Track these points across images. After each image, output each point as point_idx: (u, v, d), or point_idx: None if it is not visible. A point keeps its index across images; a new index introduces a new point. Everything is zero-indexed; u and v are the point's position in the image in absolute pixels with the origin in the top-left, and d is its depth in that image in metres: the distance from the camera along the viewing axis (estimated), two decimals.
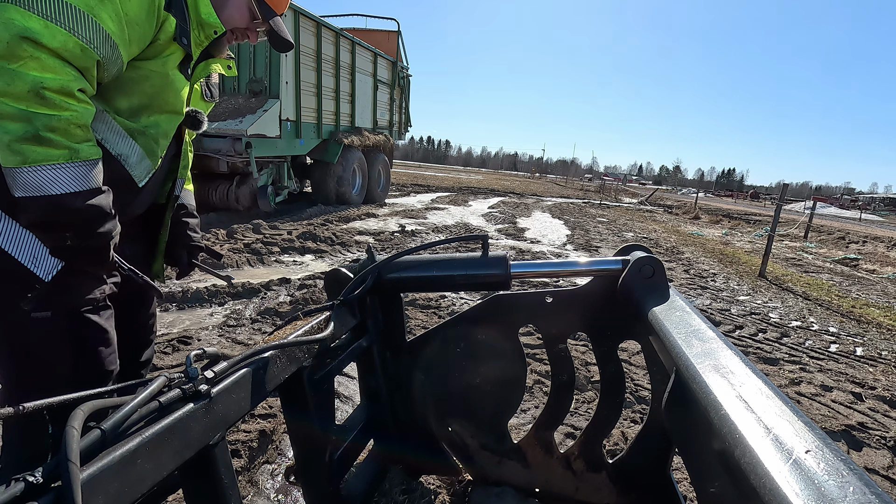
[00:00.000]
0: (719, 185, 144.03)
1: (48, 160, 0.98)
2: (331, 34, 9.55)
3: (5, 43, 0.91)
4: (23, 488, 0.55)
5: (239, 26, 1.36)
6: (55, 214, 1.02)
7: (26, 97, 0.94)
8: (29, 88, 0.93)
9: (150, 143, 1.28)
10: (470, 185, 27.73)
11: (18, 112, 0.94)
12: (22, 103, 0.94)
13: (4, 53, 0.92)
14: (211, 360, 0.88)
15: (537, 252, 7.56)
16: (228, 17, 1.32)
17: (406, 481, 1.76)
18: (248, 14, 1.35)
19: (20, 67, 0.93)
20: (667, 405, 0.96)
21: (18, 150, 0.96)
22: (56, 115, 0.97)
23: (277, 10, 1.40)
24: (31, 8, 0.94)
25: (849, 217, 32.30)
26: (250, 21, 1.37)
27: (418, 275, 1.50)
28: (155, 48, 1.19)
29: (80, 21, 0.99)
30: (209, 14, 1.25)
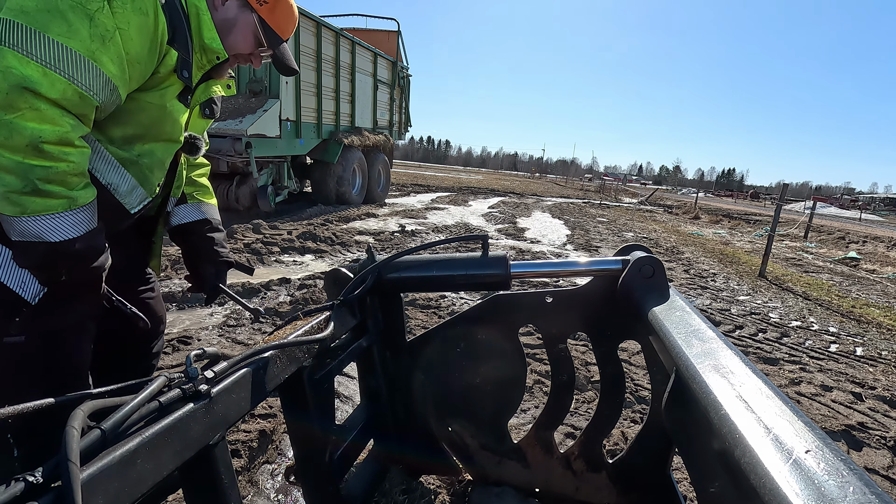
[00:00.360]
0: (719, 185, 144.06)
1: (47, 211, 0.97)
2: (331, 34, 9.55)
3: (4, 93, 0.88)
4: (23, 488, 0.55)
5: (243, 52, 1.33)
6: (53, 259, 1.01)
7: (24, 150, 0.91)
8: (27, 142, 0.91)
9: (144, 172, 1.24)
10: (470, 185, 27.73)
11: (15, 165, 0.91)
12: (19, 155, 0.91)
13: (3, 104, 0.89)
14: (211, 360, 0.88)
15: (537, 252, 7.56)
16: (233, 43, 1.29)
17: (406, 481, 1.76)
18: (253, 41, 1.31)
19: (18, 119, 0.90)
20: (667, 405, 0.96)
21: (17, 202, 0.94)
22: (54, 166, 0.95)
23: (283, 36, 1.36)
24: (30, 54, 0.91)
25: (849, 217, 32.30)
26: (255, 47, 1.33)
27: (418, 275, 1.50)
28: (154, 80, 1.16)
29: (80, 67, 0.96)
30: (212, 39, 1.22)
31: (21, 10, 0.91)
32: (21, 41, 0.90)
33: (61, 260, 1.02)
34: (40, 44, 0.91)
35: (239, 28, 1.28)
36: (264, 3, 1.28)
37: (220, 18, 1.25)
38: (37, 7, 0.92)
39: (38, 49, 0.91)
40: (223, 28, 1.26)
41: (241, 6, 1.27)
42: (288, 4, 1.34)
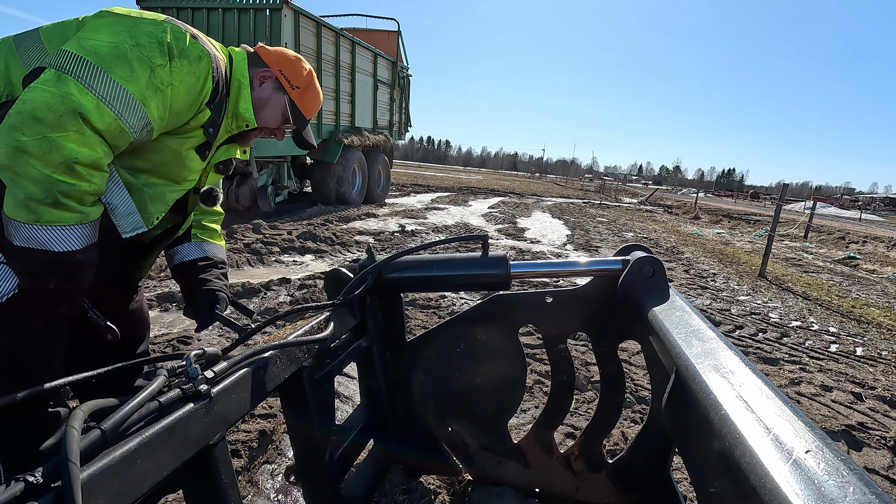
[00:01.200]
0: (719, 185, 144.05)
1: (60, 222, 1.03)
2: (331, 34, 9.55)
3: (59, 115, 0.97)
4: (23, 488, 0.55)
5: (270, 126, 1.48)
6: (50, 267, 1.05)
7: (57, 166, 0.98)
8: (63, 160, 0.98)
9: (145, 200, 1.29)
10: (470, 185, 27.74)
11: (44, 178, 0.97)
12: (49, 169, 0.97)
13: (53, 123, 0.96)
14: (211, 360, 0.88)
15: (537, 252, 7.56)
16: (264, 117, 1.44)
17: (406, 481, 1.76)
18: (281, 118, 1.47)
19: (62, 139, 0.97)
20: (667, 405, 0.96)
21: (34, 210, 1.00)
22: (78, 185, 1.02)
23: (308, 116, 1.51)
24: (91, 87, 1.02)
25: (849, 217, 32.30)
26: (282, 124, 1.48)
27: (418, 275, 1.50)
28: (182, 129, 1.27)
29: (130, 107, 1.08)
30: (246, 110, 1.37)
31: (94, 51, 1.04)
32: (86, 75, 1.02)
33: (57, 269, 1.06)
34: (102, 81, 1.03)
35: (271, 106, 1.44)
36: (296, 87, 1.45)
37: (256, 96, 1.41)
38: (108, 52, 1.06)
39: (98, 85, 1.03)
40: (258, 104, 1.42)
41: (276, 88, 1.44)
42: (316, 91, 1.52)
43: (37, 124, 0.96)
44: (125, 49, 1.07)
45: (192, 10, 8.12)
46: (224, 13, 8.06)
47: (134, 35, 1.10)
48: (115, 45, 1.07)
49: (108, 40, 1.07)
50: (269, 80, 1.43)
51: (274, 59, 1.44)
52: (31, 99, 0.97)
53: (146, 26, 1.14)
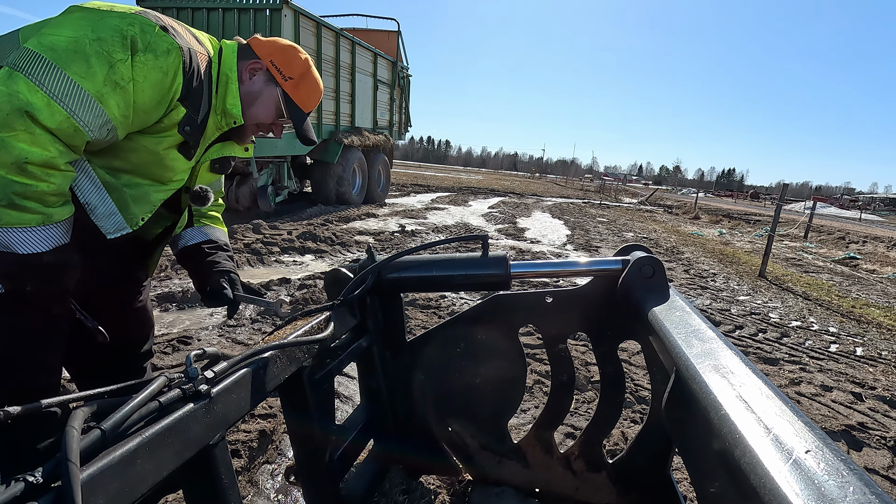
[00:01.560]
0: (719, 185, 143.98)
1: (20, 224, 1.00)
2: (331, 34, 9.55)
3: (6, 114, 0.94)
4: (23, 488, 0.55)
5: (264, 122, 1.39)
6: (19, 271, 1.03)
7: (8, 167, 0.95)
8: (13, 160, 0.95)
9: (126, 200, 1.25)
10: (470, 185, 27.74)
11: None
12: (2, 171, 0.95)
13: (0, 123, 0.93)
14: (211, 360, 0.88)
15: (537, 252, 7.56)
16: (255, 113, 1.36)
17: (406, 481, 1.76)
18: (274, 112, 1.38)
19: (11, 138, 0.94)
20: (667, 405, 0.96)
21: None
22: (33, 185, 0.98)
23: (305, 110, 1.42)
24: (42, 84, 0.97)
25: (849, 217, 32.29)
26: (276, 118, 1.39)
27: (418, 275, 1.50)
28: (155, 128, 1.20)
29: (85, 104, 1.02)
30: (234, 106, 1.30)
31: (51, 47, 1.00)
32: (38, 72, 0.97)
33: (27, 271, 1.04)
34: (54, 78, 0.98)
35: (262, 100, 1.35)
36: (289, 78, 1.35)
37: (245, 90, 1.33)
38: (66, 47, 1.00)
39: (50, 82, 0.98)
40: (248, 99, 1.34)
41: (267, 81, 1.35)
42: (312, 81, 1.40)
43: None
44: (84, 44, 1.02)
45: (192, 9, 8.12)
46: (224, 13, 8.06)
47: (97, 29, 1.04)
48: (75, 40, 1.02)
49: (67, 35, 1.02)
50: (259, 72, 1.35)
51: (266, 49, 1.35)
52: None
53: (112, 19, 1.07)
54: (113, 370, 1.44)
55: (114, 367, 1.46)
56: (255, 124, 1.40)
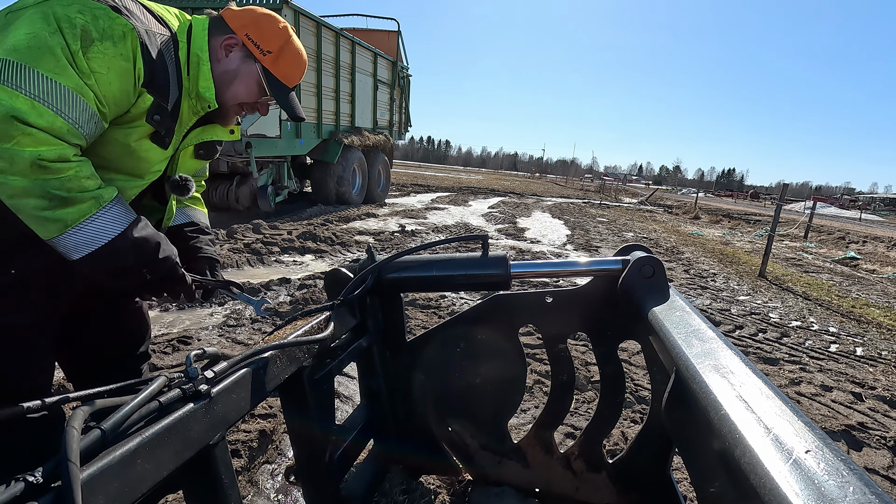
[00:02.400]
0: (719, 185, 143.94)
1: (83, 216, 1.01)
2: (331, 34, 9.55)
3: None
4: (23, 488, 0.55)
5: (247, 101, 1.31)
6: (117, 259, 1.06)
7: (29, 170, 0.95)
8: (30, 163, 0.94)
9: None
10: (470, 185, 27.74)
11: (30, 185, 0.95)
12: (28, 177, 0.95)
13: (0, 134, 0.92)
14: (211, 360, 0.88)
15: (537, 252, 7.56)
16: (235, 93, 1.28)
17: (406, 481, 1.76)
18: (256, 90, 1.30)
19: (14, 146, 0.93)
20: (667, 405, 0.96)
21: (54, 218, 0.99)
22: (63, 175, 0.98)
23: (289, 84, 1.33)
24: (20, 88, 0.94)
25: (849, 217, 32.29)
26: (259, 96, 1.32)
27: (418, 275, 1.50)
28: (122, 119, 1.15)
29: (68, 101, 0.99)
30: (206, 89, 1.22)
31: (13, 48, 0.95)
32: (12, 77, 0.94)
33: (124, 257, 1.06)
34: (30, 78, 0.95)
35: (241, 79, 1.27)
36: (267, 52, 1.26)
37: (221, 69, 1.25)
38: (28, 45, 0.96)
39: (27, 83, 0.94)
40: (225, 78, 1.25)
41: (245, 57, 1.26)
42: (294, 53, 1.32)
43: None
44: (44, 38, 0.96)
45: (192, 9, 8.11)
46: None
47: (51, 21, 0.98)
48: (34, 36, 0.96)
49: (24, 32, 0.96)
50: (235, 48, 1.25)
51: (239, 21, 1.25)
52: None
53: (59, 8, 1.00)
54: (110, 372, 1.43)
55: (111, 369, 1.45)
56: (238, 104, 1.31)
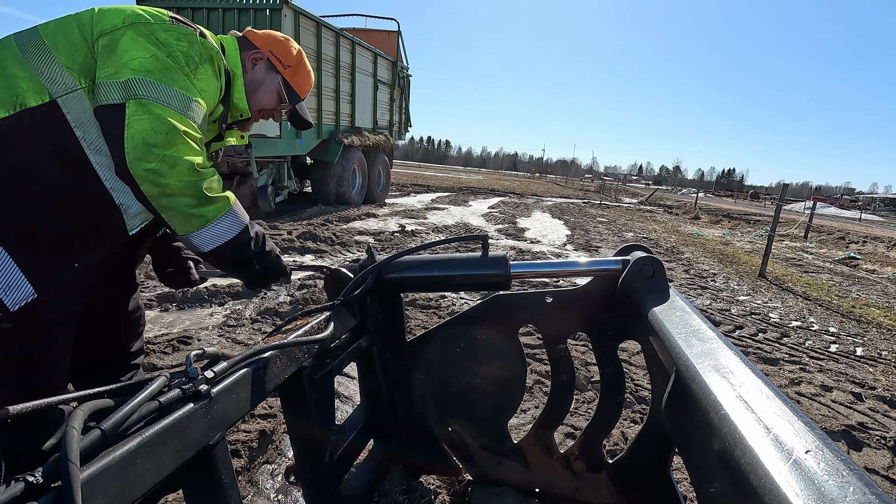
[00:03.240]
0: (719, 185, 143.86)
1: (220, 212, 1.19)
2: (331, 34, 9.55)
3: (164, 134, 1.08)
4: (23, 488, 0.55)
5: (267, 108, 1.50)
6: (240, 250, 1.24)
7: (187, 173, 1.11)
8: (188, 168, 1.11)
9: None
10: (470, 185, 27.74)
11: (186, 186, 1.11)
12: (185, 179, 1.11)
13: (164, 143, 1.08)
14: (211, 360, 0.88)
15: (537, 252, 7.56)
16: (259, 100, 1.47)
17: (406, 481, 1.76)
18: (276, 98, 1.49)
19: (175, 153, 1.09)
20: (667, 405, 0.96)
21: (200, 214, 1.15)
22: (207, 179, 1.15)
23: (302, 95, 1.54)
24: (167, 104, 1.11)
25: (849, 217, 32.28)
26: (277, 104, 1.50)
27: (418, 275, 1.50)
28: None
29: (199, 114, 1.18)
30: (241, 100, 1.40)
31: (144, 69, 1.10)
32: (158, 94, 1.10)
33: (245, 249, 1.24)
34: (171, 95, 1.12)
35: (265, 87, 1.46)
36: (288, 66, 1.47)
37: (249, 79, 1.43)
38: (155, 67, 1.12)
39: (172, 99, 1.12)
40: (252, 87, 1.44)
41: (268, 69, 1.46)
42: (307, 69, 1.54)
43: (154, 149, 1.07)
44: (165, 60, 1.14)
45: (192, 9, 8.12)
46: (224, 13, 8.06)
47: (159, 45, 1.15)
48: (156, 58, 1.12)
49: (145, 54, 1.12)
50: (260, 61, 1.45)
51: (264, 40, 1.46)
52: (136, 132, 1.06)
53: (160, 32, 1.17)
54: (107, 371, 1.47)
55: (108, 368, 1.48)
56: (259, 111, 1.50)
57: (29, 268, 1.10)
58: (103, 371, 1.46)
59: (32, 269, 1.10)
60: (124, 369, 1.53)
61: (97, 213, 1.18)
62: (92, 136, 1.12)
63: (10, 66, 1.09)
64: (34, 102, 1.08)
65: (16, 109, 1.07)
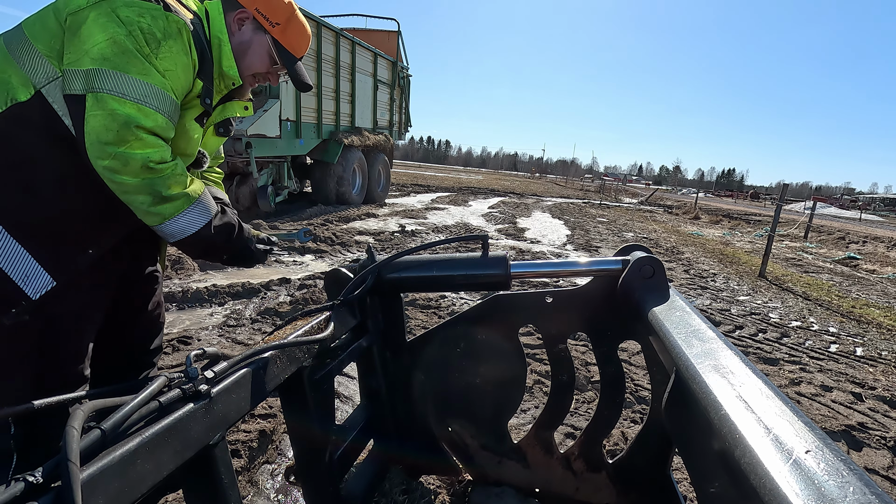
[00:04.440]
0: (719, 185, 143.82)
1: (177, 211, 1.19)
2: (331, 34, 9.55)
3: (115, 131, 1.06)
4: (23, 488, 0.55)
5: (259, 71, 1.42)
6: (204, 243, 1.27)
7: (140, 171, 1.10)
8: (141, 165, 1.10)
9: None
10: (470, 185, 27.73)
11: (140, 184, 1.11)
12: (139, 177, 1.10)
13: (115, 140, 1.06)
14: (211, 360, 0.88)
15: (537, 252, 7.56)
16: (249, 63, 1.39)
17: (406, 481, 1.76)
18: (268, 60, 1.41)
19: (128, 149, 1.08)
20: (667, 405, 0.96)
21: (157, 212, 1.17)
22: (165, 175, 1.14)
23: (297, 54, 1.45)
24: (124, 95, 1.07)
25: (849, 217, 32.26)
26: (270, 66, 1.43)
27: (418, 275, 1.50)
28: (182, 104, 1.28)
29: (161, 98, 1.13)
30: (230, 67, 1.34)
31: (101, 57, 1.06)
32: (112, 84, 1.06)
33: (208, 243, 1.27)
34: (127, 84, 1.08)
35: (254, 49, 1.38)
36: (276, 24, 1.37)
37: (236, 42, 1.36)
38: (112, 52, 1.07)
39: (127, 88, 1.08)
40: (240, 50, 1.37)
41: (256, 28, 1.37)
42: (299, 25, 1.43)
43: (107, 147, 1.06)
44: (122, 42, 1.07)
45: None
46: None
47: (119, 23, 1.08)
48: (113, 42, 1.06)
49: (102, 38, 1.06)
50: (247, 21, 1.36)
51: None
52: (91, 129, 1.06)
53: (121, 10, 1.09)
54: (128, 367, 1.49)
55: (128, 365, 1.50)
56: (252, 75, 1.42)
57: (44, 257, 1.12)
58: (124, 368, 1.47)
59: (47, 257, 1.13)
60: (144, 366, 1.54)
61: (103, 199, 1.17)
62: None
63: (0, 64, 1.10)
64: (24, 97, 1.09)
65: (7, 105, 1.09)
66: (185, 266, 4.77)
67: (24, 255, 1.10)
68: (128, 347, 1.49)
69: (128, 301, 1.45)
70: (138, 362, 1.53)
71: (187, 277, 4.58)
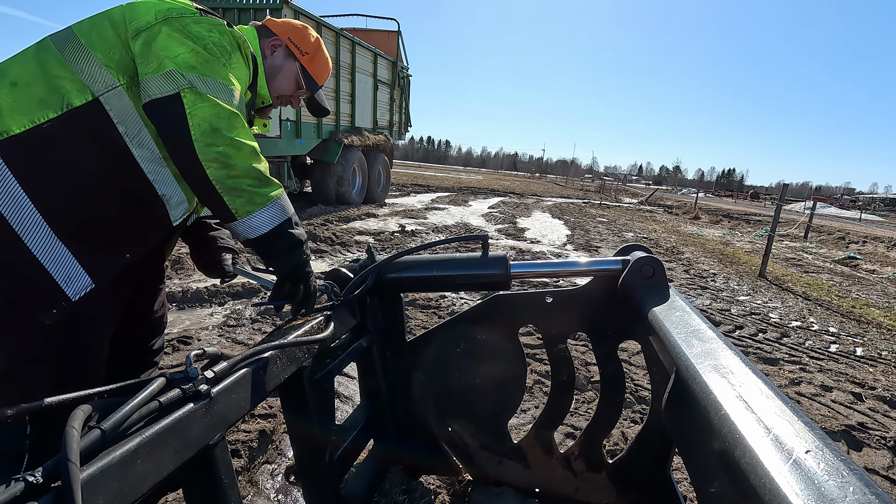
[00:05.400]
0: (719, 185, 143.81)
1: (278, 194, 1.22)
2: (331, 34, 9.55)
3: (227, 119, 1.12)
4: (23, 488, 0.55)
5: (285, 94, 1.52)
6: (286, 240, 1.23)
7: (252, 157, 1.16)
8: (251, 150, 1.16)
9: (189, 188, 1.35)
10: (470, 185, 27.73)
11: (248, 167, 1.15)
12: (248, 161, 1.15)
13: (228, 127, 1.12)
14: (211, 360, 0.88)
15: (537, 252, 7.56)
16: (278, 86, 1.49)
17: (406, 481, 1.76)
18: (294, 85, 1.52)
19: (238, 136, 1.14)
20: (667, 405, 0.96)
21: (262, 193, 1.18)
22: (263, 163, 1.20)
23: (319, 82, 1.57)
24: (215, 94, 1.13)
25: (849, 217, 32.25)
26: (295, 90, 1.53)
27: (418, 275, 1.50)
28: None
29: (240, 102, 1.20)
30: (262, 87, 1.43)
31: (188, 65, 1.12)
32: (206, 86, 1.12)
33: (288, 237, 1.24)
34: (218, 88, 1.14)
35: (283, 74, 1.49)
36: (306, 53, 1.50)
37: (268, 65, 1.46)
38: (197, 61, 1.14)
39: (218, 91, 1.14)
40: (271, 73, 1.47)
41: (287, 55, 1.49)
42: (325, 56, 1.57)
43: (220, 133, 1.11)
44: (202, 53, 1.15)
45: None
46: (224, 13, 8.06)
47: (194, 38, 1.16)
48: (195, 52, 1.14)
49: (183, 50, 1.13)
50: (279, 48, 1.48)
51: (282, 28, 1.49)
52: (202, 119, 1.10)
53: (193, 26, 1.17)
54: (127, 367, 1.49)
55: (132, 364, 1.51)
56: (277, 97, 1.52)
57: (86, 259, 1.14)
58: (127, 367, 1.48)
59: (88, 260, 1.14)
60: (146, 366, 1.55)
61: (143, 204, 1.21)
62: (133, 131, 1.15)
63: (52, 67, 1.11)
64: (79, 102, 1.10)
65: (63, 109, 1.10)
66: (185, 266, 4.77)
67: (69, 257, 1.12)
68: (132, 347, 1.50)
69: (138, 301, 1.46)
70: (141, 362, 1.53)
71: (187, 277, 4.58)
